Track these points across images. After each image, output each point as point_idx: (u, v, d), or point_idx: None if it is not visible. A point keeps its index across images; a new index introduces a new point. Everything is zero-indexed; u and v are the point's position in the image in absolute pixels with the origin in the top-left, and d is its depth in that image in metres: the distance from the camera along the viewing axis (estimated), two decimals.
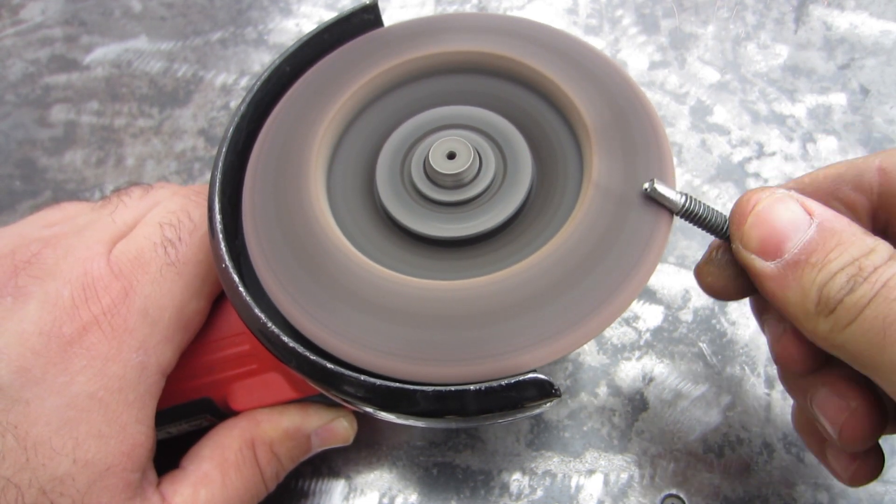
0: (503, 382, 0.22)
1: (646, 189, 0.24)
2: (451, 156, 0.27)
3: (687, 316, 0.40)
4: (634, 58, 0.50)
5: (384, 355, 0.23)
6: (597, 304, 0.23)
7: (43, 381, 0.25)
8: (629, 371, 0.39)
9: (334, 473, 0.37)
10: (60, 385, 0.25)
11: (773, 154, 0.45)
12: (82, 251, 0.27)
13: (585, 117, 0.27)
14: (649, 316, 0.40)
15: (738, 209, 0.24)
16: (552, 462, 0.36)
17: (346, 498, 0.36)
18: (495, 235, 0.27)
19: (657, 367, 0.39)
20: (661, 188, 0.24)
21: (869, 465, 0.27)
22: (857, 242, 0.22)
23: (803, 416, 0.30)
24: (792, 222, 0.23)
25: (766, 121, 0.46)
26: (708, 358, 0.39)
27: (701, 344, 0.39)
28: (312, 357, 0.23)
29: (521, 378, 0.22)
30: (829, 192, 0.26)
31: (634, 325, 0.40)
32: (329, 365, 0.23)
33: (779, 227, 0.23)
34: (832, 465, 0.28)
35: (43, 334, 0.25)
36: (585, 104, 0.27)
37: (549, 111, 0.29)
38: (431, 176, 0.27)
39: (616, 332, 0.40)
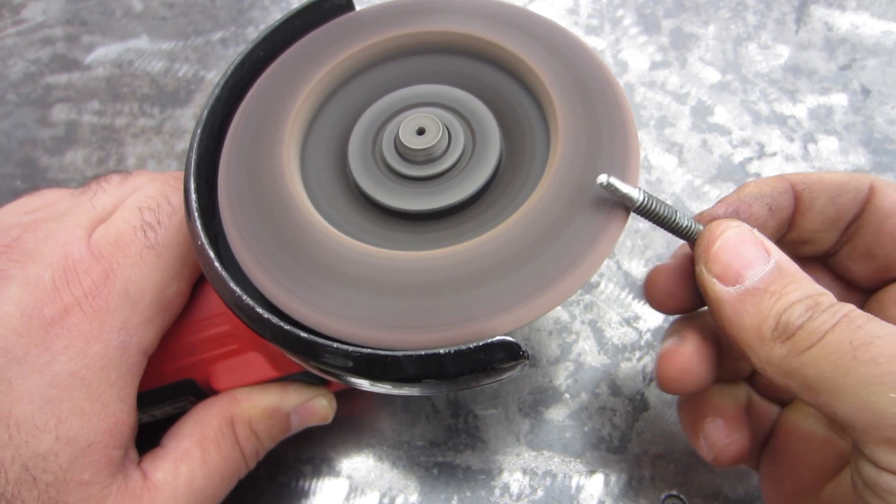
0: (472, 346, 0.23)
1: (600, 183, 0.24)
2: (421, 132, 0.28)
3: None
4: (635, 58, 0.50)
5: (358, 324, 0.24)
6: (559, 273, 0.24)
7: (25, 361, 0.25)
8: (630, 371, 0.39)
9: (335, 473, 0.37)
10: (42, 364, 0.25)
11: (774, 154, 0.45)
12: (62, 235, 0.28)
13: (552, 95, 0.28)
14: (650, 316, 0.40)
15: (708, 233, 0.26)
16: (553, 462, 0.37)
17: (347, 498, 0.36)
18: (465, 208, 0.27)
19: None
20: (616, 182, 0.24)
21: (736, 445, 0.29)
22: (810, 284, 0.24)
23: (685, 400, 0.32)
24: (755, 256, 0.25)
25: (767, 121, 0.46)
26: None
27: None
28: (286, 327, 0.24)
29: (490, 341, 0.23)
30: (831, 195, 0.28)
31: (635, 325, 0.40)
32: (302, 333, 0.24)
33: (743, 256, 0.25)
34: (702, 442, 0.30)
35: (24, 316, 0.26)
36: (553, 82, 0.28)
37: (518, 89, 0.30)
38: (402, 152, 0.28)
39: (617, 333, 0.40)
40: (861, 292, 0.29)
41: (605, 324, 0.40)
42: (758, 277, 0.24)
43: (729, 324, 0.24)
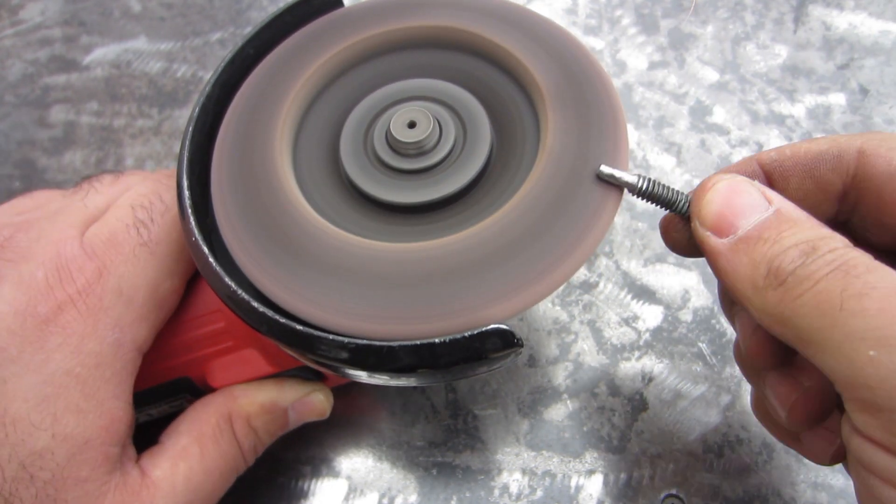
0: (467, 334, 0.23)
1: (600, 173, 0.25)
2: (412, 125, 0.28)
3: (686, 316, 0.40)
4: (634, 58, 0.50)
5: (353, 317, 0.24)
6: (552, 263, 0.24)
7: (20, 360, 0.25)
8: (629, 371, 0.39)
9: (334, 473, 0.37)
10: (37, 363, 0.25)
11: None
12: (55, 234, 0.28)
13: (541, 86, 0.28)
14: (649, 316, 0.40)
15: (700, 187, 0.25)
16: (552, 462, 0.37)
17: (346, 498, 0.36)
18: (457, 200, 0.28)
19: (657, 367, 0.39)
20: (614, 172, 0.25)
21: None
22: (813, 228, 0.22)
23: (761, 403, 0.30)
24: (749, 204, 0.23)
25: (766, 121, 0.46)
26: (707, 358, 0.39)
27: (700, 344, 0.39)
28: (282, 320, 0.24)
29: (484, 329, 0.23)
30: (806, 168, 0.26)
31: (634, 325, 0.40)
32: (297, 326, 0.24)
33: (735, 206, 0.23)
34: (808, 448, 0.28)
35: (18, 314, 0.26)
36: (541, 73, 0.28)
37: (507, 81, 0.30)
38: (393, 145, 0.28)
39: (615, 333, 0.40)
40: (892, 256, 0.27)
41: (604, 324, 0.40)
42: (752, 225, 0.23)
43: (725, 276, 0.23)
